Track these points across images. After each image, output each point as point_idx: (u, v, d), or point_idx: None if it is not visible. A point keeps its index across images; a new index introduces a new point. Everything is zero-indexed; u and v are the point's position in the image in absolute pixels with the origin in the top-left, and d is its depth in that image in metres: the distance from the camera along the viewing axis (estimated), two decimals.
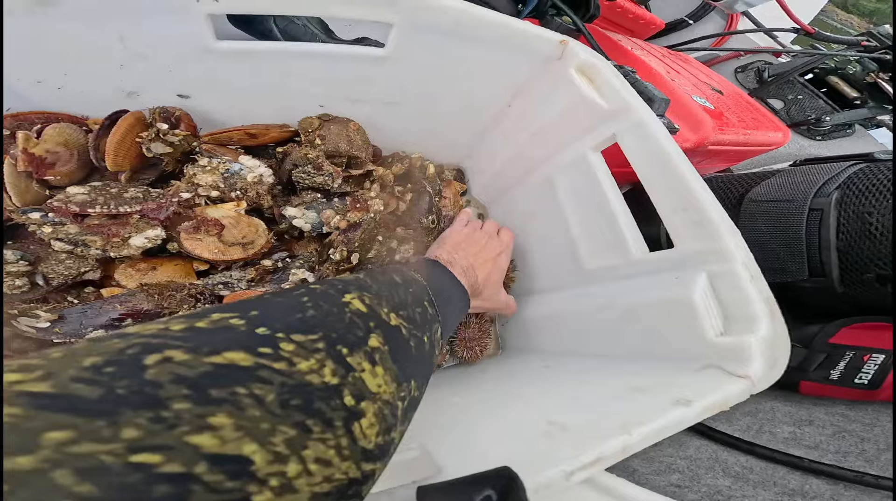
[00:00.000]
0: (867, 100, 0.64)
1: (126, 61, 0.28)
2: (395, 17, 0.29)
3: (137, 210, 0.29)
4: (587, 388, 0.28)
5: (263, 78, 0.33)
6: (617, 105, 0.31)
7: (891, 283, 0.29)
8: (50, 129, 0.29)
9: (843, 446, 0.28)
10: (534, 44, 0.33)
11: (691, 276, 0.25)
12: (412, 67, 0.34)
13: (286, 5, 0.27)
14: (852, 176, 0.32)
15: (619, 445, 0.18)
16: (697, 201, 0.26)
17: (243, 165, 0.33)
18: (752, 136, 0.47)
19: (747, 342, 0.21)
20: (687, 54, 0.70)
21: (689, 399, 0.20)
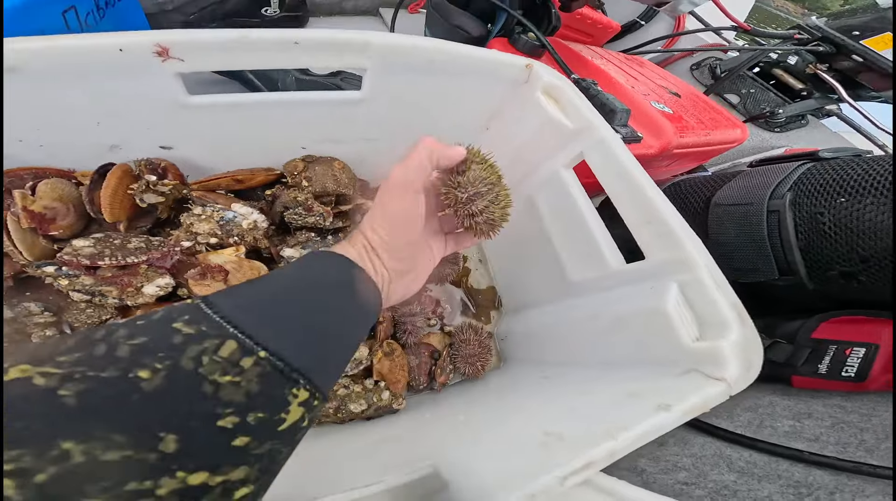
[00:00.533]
0: (812, 91, 0.68)
1: (102, 119, 0.29)
2: (367, 63, 0.31)
3: (144, 260, 0.30)
4: (585, 397, 0.28)
5: (243, 127, 0.33)
6: (581, 124, 0.33)
7: (855, 279, 0.30)
8: (42, 185, 0.30)
9: (842, 437, 0.28)
10: (502, 70, 0.35)
11: (664, 286, 0.26)
12: (390, 104, 0.35)
13: (254, 61, 0.28)
14: (801, 177, 0.34)
15: (607, 450, 0.19)
16: (659, 213, 0.27)
17: (237, 213, 0.34)
18: (713, 135, 0.49)
19: (720, 346, 0.22)
20: (642, 57, 0.74)
21: (669, 404, 0.21)
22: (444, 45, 0.31)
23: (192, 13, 0.61)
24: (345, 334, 0.18)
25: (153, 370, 0.12)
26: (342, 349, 0.18)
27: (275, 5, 0.66)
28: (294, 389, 0.15)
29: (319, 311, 0.17)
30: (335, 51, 0.29)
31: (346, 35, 0.29)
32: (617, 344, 0.31)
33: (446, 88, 0.35)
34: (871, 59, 0.61)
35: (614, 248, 0.32)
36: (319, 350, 0.16)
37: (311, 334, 0.16)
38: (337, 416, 0.33)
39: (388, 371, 0.37)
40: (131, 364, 0.12)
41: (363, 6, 0.79)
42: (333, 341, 0.17)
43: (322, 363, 0.16)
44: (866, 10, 0.65)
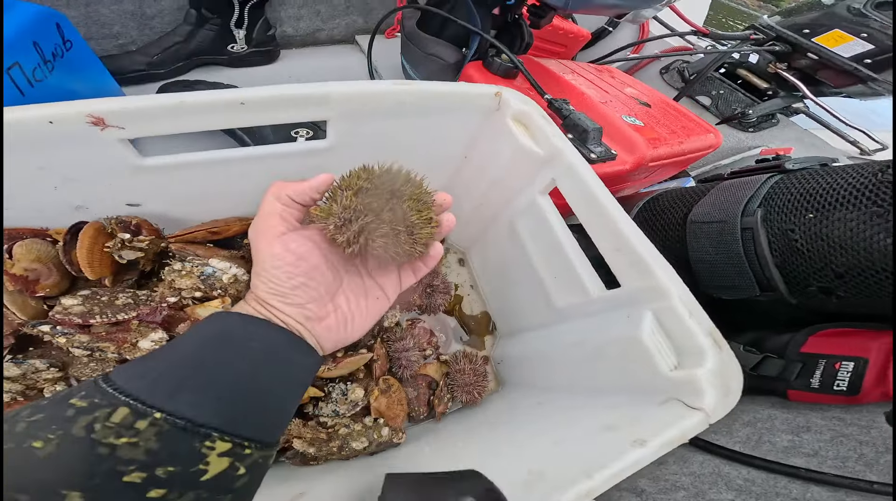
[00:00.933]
0: (777, 90, 0.71)
1: (58, 184, 0.28)
2: (329, 114, 0.30)
3: (134, 316, 0.30)
4: (569, 429, 0.29)
5: (209, 181, 0.33)
6: (550, 151, 0.33)
7: (833, 295, 0.30)
8: (18, 248, 0.30)
9: (841, 451, 0.28)
10: (474, 101, 0.35)
11: (639, 314, 0.27)
12: (361, 148, 0.35)
13: (200, 123, 0.27)
14: (770, 191, 0.34)
15: (584, 490, 0.20)
16: (629, 241, 0.27)
17: (215, 268, 0.33)
18: (686, 144, 0.51)
19: (697, 375, 0.22)
20: (612, 66, 0.76)
21: (644, 440, 0.21)
22: (412, 87, 0.31)
23: (156, 54, 0.60)
24: (258, 380, 0.18)
25: (45, 440, 0.14)
26: (260, 396, 0.18)
27: (241, 42, 0.66)
28: (207, 442, 0.16)
29: (219, 367, 0.18)
30: (290, 107, 0.28)
31: (301, 90, 0.28)
32: (601, 372, 0.31)
33: (419, 126, 0.35)
34: (825, 57, 0.62)
35: (593, 274, 0.32)
36: (228, 403, 0.17)
37: (214, 389, 0.17)
38: (342, 454, 0.34)
39: (385, 408, 0.38)
40: (26, 437, 0.14)
41: (338, 35, 0.80)
42: (245, 390, 0.18)
43: (238, 414, 0.17)
44: (812, 7, 0.66)
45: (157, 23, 0.62)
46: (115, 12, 0.59)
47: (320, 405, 0.35)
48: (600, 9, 0.47)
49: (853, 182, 0.29)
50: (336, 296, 0.24)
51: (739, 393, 0.22)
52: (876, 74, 0.57)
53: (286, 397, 0.20)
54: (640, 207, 0.46)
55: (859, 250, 0.27)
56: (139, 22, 0.61)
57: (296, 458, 0.34)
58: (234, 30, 0.64)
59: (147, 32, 0.63)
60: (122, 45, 0.62)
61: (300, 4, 0.72)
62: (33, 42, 0.37)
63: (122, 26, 0.61)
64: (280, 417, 0.20)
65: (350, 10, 0.77)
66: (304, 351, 0.21)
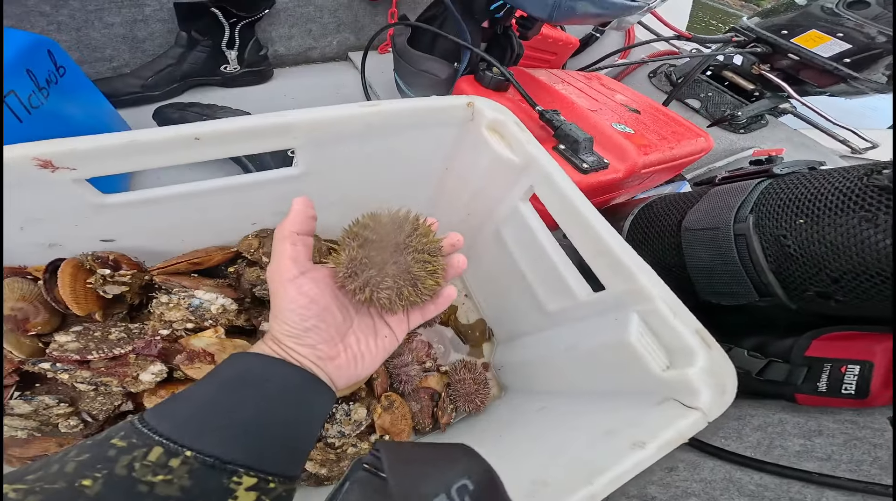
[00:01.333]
0: (763, 91, 0.72)
1: (23, 224, 0.28)
2: (294, 143, 0.30)
3: (130, 350, 0.30)
4: (569, 434, 0.29)
5: (184, 213, 0.32)
6: (525, 158, 0.33)
7: (832, 299, 0.30)
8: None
9: (855, 455, 0.27)
10: (446, 113, 0.35)
11: (626, 317, 0.27)
12: (333, 171, 0.34)
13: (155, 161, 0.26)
14: (760, 197, 0.34)
15: (586, 495, 0.20)
16: (608, 245, 0.27)
17: (202, 299, 0.33)
18: (677, 149, 0.51)
19: (689, 375, 0.22)
20: (601, 73, 0.77)
21: (644, 442, 0.21)
22: (378, 108, 0.31)
23: (149, 76, 0.61)
24: (277, 417, 0.20)
25: (93, 479, 0.15)
26: (280, 432, 0.20)
27: (233, 62, 0.67)
28: (234, 477, 0.17)
29: (241, 406, 0.19)
30: (251, 139, 0.27)
31: (258, 121, 0.27)
32: (596, 375, 0.31)
33: (394, 143, 0.35)
34: (805, 57, 0.62)
35: (579, 277, 0.32)
36: (251, 440, 0.18)
37: (238, 428, 0.18)
38: None
39: (389, 425, 0.38)
40: (76, 476, 0.15)
41: (331, 53, 0.81)
42: (265, 427, 0.19)
43: (261, 450, 0.19)
44: (788, 7, 0.67)
45: (149, 45, 0.63)
46: (106, 36, 0.60)
47: (326, 427, 0.36)
48: (584, 18, 0.48)
49: (840, 187, 0.29)
50: (346, 336, 0.24)
51: (734, 391, 0.22)
52: (856, 72, 0.58)
53: (304, 432, 0.21)
54: (635, 214, 0.46)
55: (852, 254, 0.27)
56: (130, 45, 0.62)
57: (310, 480, 0.34)
58: (225, 51, 0.65)
59: (139, 55, 0.64)
60: (115, 67, 0.63)
61: (291, 24, 0.73)
62: (27, 69, 0.37)
63: (114, 49, 0.61)
64: (300, 451, 0.21)
65: (341, 28, 0.79)
66: (318, 389, 0.22)
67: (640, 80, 0.88)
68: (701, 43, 0.75)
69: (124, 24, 0.60)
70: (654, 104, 0.63)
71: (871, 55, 0.57)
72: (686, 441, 0.21)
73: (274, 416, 0.19)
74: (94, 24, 0.58)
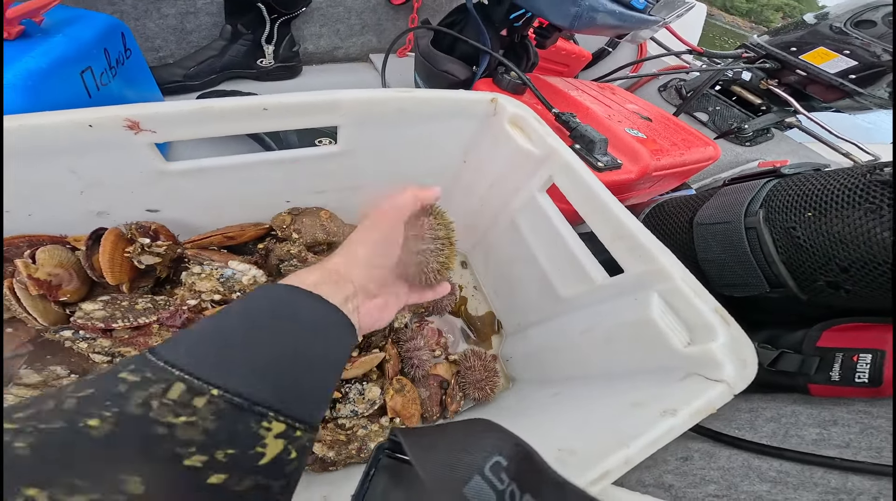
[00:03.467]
0: (770, 105, 0.74)
1: (84, 189, 0.30)
2: (340, 120, 0.32)
3: (154, 320, 0.31)
4: (592, 410, 0.29)
5: (226, 186, 0.34)
6: (545, 150, 0.35)
7: (841, 288, 0.31)
8: (41, 253, 0.30)
9: (874, 442, 0.27)
10: (471, 107, 0.37)
11: (646, 297, 0.28)
12: (368, 152, 0.37)
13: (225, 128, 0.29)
14: (770, 193, 0.35)
15: (622, 458, 0.20)
16: (628, 228, 0.29)
17: (235, 270, 0.34)
18: (687, 156, 0.53)
19: (712, 349, 0.23)
20: (613, 84, 0.79)
21: (675, 409, 0.22)
22: (412, 94, 0.33)
23: (191, 66, 0.65)
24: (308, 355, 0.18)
25: (101, 418, 0.13)
26: (311, 374, 0.18)
27: (269, 57, 0.70)
28: (264, 422, 0.15)
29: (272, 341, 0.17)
30: (306, 113, 0.30)
31: (315, 97, 0.30)
32: (615, 356, 0.31)
33: (422, 130, 0.37)
34: (813, 73, 0.66)
35: (596, 263, 0.34)
36: (282, 379, 0.16)
37: (268, 365, 0.16)
38: (361, 456, 0.34)
39: (401, 407, 0.38)
40: (78, 414, 0.13)
41: (353, 54, 0.84)
42: (296, 365, 0.17)
43: (290, 392, 0.16)
44: (797, 26, 0.70)
45: (195, 37, 0.67)
46: (159, 26, 0.63)
47: (338, 407, 0.35)
48: (603, 29, 0.50)
49: (845, 183, 0.31)
50: (387, 285, 0.26)
51: (756, 365, 0.23)
52: (861, 88, 0.61)
53: (331, 375, 0.19)
54: (647, 213, 0.48)
55: (859, 243, 0.28)
56: (178, 36, 0.66)
57: (315, 464, 0.33)
58: (264, 45, 0.68)
59: (184, 46, 0.67)
60: (161, 57, 0.67)
61: (322, 23, 0.77)
62: (104, 49, 0.40)
63: (163, 40, 0.65)
64: (323, 397, 0.19)
65: (365, 30, 0.82)
66: (348, 329, 0.21)
67: (650, 93, 0.91)
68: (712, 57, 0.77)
69: (177, 15, 0.63)
70: (665, 114, 0.65)
71: (876, 72, 0.60)
72: (700, 428, 0.21)
73: (306, 354, 0.17)
74: (151, 15, 0.61)
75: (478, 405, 0.44)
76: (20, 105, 0.30)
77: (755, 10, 4.74)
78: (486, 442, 0.15)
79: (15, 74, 0.31)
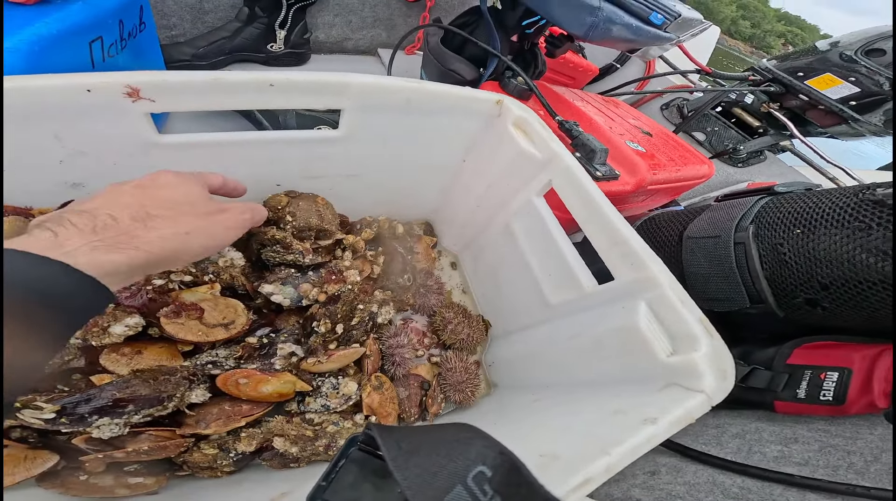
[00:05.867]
0: (767, 128, 0.76)
1: (65, 157, 0.28)
2: (345, 104, 0.32)
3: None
4: (573, 417, 0.29)
5: (216, 164, 0.32)
6: (547, 154, 0.35)
7: (819, 306, 0.31)
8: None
9: (831, 460, 0.28)
10: (476, 106, 0.37)
11: (633, 305, 0.28)
12: (369, 141, 0.36)
13: (229, 102, 0.28)
14: (761, 210, 0.36)
15: (603, 465, 0.20)
16: (621, 234, 0.29)
17: None
18: (683, 172, 0.54)
19: (694, 359, 0.23)
20: (618, 99, 0.80)
21: (655, 418, 0.22)
22: (420, 85, 0.33)
23: (202, 46, 0.64)
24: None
25: None
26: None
27: (280, 42, 0.70)
28: None
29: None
30: (312, 93, 0.30)
31: (324, 77, 0.29)
32: (599, 363, 0.31)
33: (425, 125, 0.37)
34: (815, 98, 0.67)
35: (587, 270, 0.34)
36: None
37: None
38: (328, 454, 0.32)
39: (378, 405, 0.37)
40: None
41: (363, 46, 0.84)
42: None
43: None
44: (807, 52, 0.72)
45: (210, 17, 0.66)
46: (178, 4, 0.63)
47: (308, 400, 0.34)
48: (617, 42, 0.50)
49: (837, 202, 0.31)
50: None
51: (734, 378, 0.23)
52: (858, 115, 0.62)
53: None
54: (638, 225, 0.48)
55: (843, 261, 0.29)
56: (194, 15, 0.65)
57: (274, 459, 0.31)
58: (277, 30, 0.68)
59: (198, 26, 0.67)
60: (173, 36, 0.66)
61: (335, 13, 0.77)
62: (120, 20, 0.39)
63: (179, 18, 0.64)
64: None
65: (376, 24, 0.82)
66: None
67: (653, 112, 0.92)
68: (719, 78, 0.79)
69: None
70: (665, 130, 0.66)
71: (875, 100, 0.62)
72: (668, 443, 0.22)
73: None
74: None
75: (458, 408, 0.44)
76: (19, 69, 0.29)
77: (758, 35, 4.84)
78: (472, 450, 0.14)
79: (21, 39, 0.30)
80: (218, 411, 0.30)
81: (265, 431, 0.31)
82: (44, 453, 0.26)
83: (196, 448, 0.29)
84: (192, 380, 0.29)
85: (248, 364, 0.31)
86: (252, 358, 0.31)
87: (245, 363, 0.31)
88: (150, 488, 0.28)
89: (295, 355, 0.33)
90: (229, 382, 0.30)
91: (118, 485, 0.27)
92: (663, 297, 0.26)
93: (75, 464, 0.26)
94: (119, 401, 0.26)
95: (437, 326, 0.46)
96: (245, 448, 0.30)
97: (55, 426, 0.24)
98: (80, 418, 0.25)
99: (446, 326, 0.45)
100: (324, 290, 0.35)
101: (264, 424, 0.31)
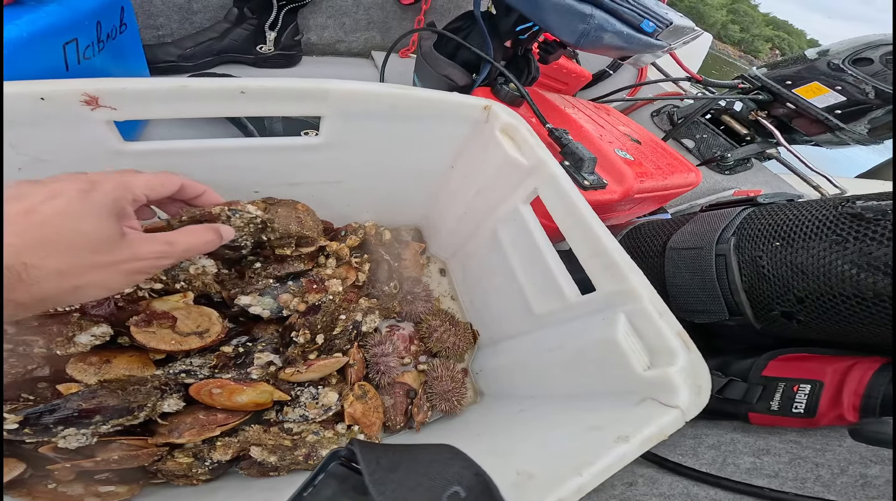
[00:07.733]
0: (755, 136, 0.76)
1: (24, 165, 0.26)
2: (325, 111, 0.31)
3: (76, 308, 0.27)
4: (553, 431, 0.29)
5: (190, 172, 0.30)
6: (534, 162, 0.35)
7: (794, 319, 0.32)
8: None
9: (800, 473, 0.29)
10: (464, 111, 0.37)
11: (613, 317, 0.28)
12: (352, 148, 0.36)
13: (197, 110, 0.27)
14: (743, 222, 0.36)
15: (575, 486, 0.20)
16: (605, 246, 0.29)
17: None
18: (670, 180, 0.54)
19: (669, 373, 0.23)
20: (609, 105, 0.81)
21: (627, 436, 0.22)
22: (405, 91, 0.32)
23: (188, 47, 0.63)
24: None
25: None
26: None
27: (270, 43, 0.69)
28: None
29: None
30: (289, 100, 0.28)
31: (300, 84, 0.28)
32: (580, 376, 0.31)
33: (411, 131, 0.36)
34: (802, 107, 0.68)
35: (570, 280, 0.34)
36: None
37: None
38: (309, 463, 0.32)
39: (361, 415, 0.36)
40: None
41: (356, 49, 0.84)
42: None
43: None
44: (797, 61, 0.73)
45: (199, 18, 0.65)
46: (165, 4, 0.61)
47: (286, 410, 0.33)
48: (608, 49, 0.51)
49: (816, 214, 0.32)
50: None
51: (709, 392, 0.23)
52: (844, 124, 0.63)
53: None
54: (623, 235, 0.48)
55: (819, 275, 0.29)
56: (182, 15, 0.64)
57: (252, 468, 0.31)
58: (266, 31, 0.68)
59: (186, 26, 0.66)
60: (160, 36, 0.65)
61: (328, 14, 0.76)
62: (97, 22, 0.38)
63: (166, 18, 0.63)
64: None
65: (370, 27, 0.82)
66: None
67: (643, 118, 0.92)
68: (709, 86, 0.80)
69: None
70: (654, 138, 0.66)
71: (861, 109, 0.63)
72: (647, 454, 0.22)
73: None
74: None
75: (445, 417, 0.43)
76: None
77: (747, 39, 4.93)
78: (449, 470, 0.15)
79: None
80: (192, 420, 0.29)
81: (241, 440, 0.30)
82: (10, 461, 0.25)
83: (170, 456, 0.29)
84: (165, 389, 0.28)
85: (223, 374, 0.30)
86: (227, 367, 0.31)
87: (220, 372, 0.30)
88: (122, 496, 0.28)
89: (273, 364, 0.32)
90: (202, 391, 0.29)
91: (88, 494, 0.27)
92: (642, 310, 0.26)
93: (43, 472, 0.26)
94: (85, 411, 0.25)
95: (423, 333, 0.46)
96: (220, 457, 0.29)
97: (18, 437, 0.24)
98: (45, 428, 0.24)
99: (432, 333, 0.45)
100: (304, 299, 0.35)
101: (241, 433, 0.31)
